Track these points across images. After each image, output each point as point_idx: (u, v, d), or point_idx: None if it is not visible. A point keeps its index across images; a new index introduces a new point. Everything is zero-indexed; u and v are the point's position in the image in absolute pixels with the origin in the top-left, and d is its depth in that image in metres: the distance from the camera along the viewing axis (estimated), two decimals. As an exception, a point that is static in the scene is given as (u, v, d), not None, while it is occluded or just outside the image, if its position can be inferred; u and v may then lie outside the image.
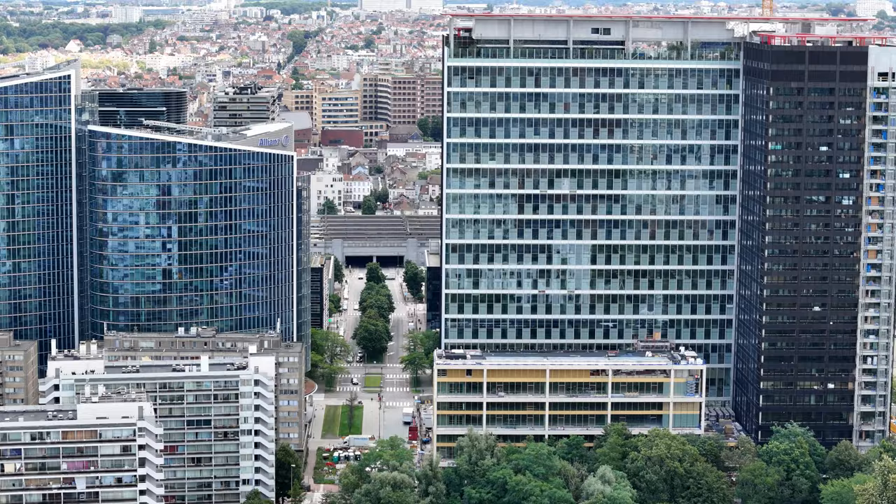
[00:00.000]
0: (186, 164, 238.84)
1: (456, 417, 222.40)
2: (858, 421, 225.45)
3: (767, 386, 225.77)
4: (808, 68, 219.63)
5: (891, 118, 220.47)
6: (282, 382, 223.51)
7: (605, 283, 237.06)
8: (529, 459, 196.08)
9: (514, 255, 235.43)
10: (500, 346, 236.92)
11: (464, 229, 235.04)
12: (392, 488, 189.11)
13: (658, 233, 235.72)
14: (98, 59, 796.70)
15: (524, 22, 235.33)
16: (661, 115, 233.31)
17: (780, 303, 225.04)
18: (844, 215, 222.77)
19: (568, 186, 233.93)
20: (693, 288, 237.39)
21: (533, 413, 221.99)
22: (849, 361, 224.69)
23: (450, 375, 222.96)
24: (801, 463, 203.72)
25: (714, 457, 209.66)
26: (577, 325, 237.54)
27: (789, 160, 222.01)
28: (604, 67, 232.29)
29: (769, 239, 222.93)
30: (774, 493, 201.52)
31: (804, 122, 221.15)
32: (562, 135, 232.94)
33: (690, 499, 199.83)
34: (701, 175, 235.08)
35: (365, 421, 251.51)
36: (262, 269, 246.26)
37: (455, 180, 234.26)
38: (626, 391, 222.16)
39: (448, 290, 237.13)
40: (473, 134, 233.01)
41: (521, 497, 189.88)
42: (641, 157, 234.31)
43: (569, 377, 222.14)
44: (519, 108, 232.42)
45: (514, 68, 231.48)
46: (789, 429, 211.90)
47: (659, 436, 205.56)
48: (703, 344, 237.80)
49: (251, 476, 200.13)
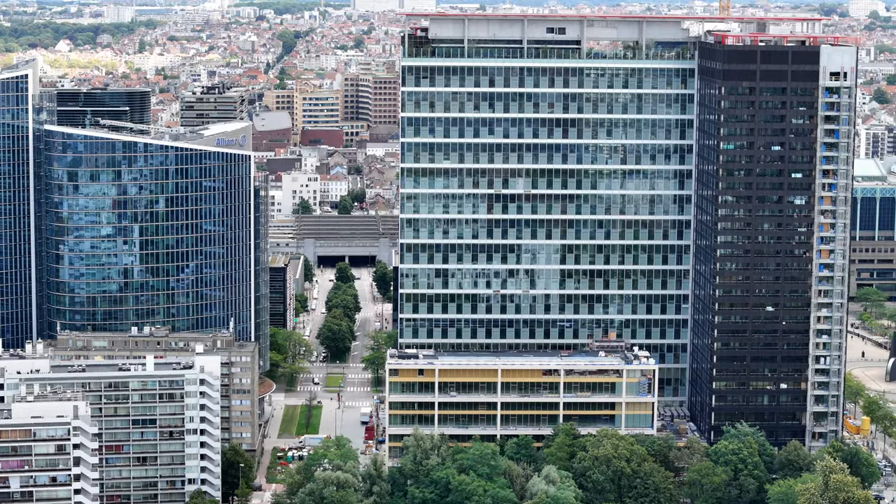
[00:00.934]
0: (143, 164, 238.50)
1: (408, 417, 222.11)
2: (811, 421, 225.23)
3: (720, 386, 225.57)
4: (759, 68, 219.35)
5: (843, 118, 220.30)
6: (234, 382, 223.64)
7: (561, 282, 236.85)
8: (474, 459, 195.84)
9: (468, 254, 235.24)
10: (456, 345, 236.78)
11: (419, 229, 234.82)
12: (336, 488, 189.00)
13: (613, 232, 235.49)
14: (86, 59, 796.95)
15: (479, 22, 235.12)
16: (617, 114, 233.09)
17: (733, 303, 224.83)
18: (797, 215, 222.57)
19: (522, 186, 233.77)
20: (649, 288, 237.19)
21: (485, 413, 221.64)
22: (801, 361, 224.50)
23: (402, 375, 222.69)
24: (749, 463, 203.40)
25: (663, 457, 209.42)
26: (533, 324, 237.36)
27: (741, 160, 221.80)
28: (558, 67, 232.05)
29: (721, 239, 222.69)
30: (722, 492, 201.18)
31: (756, 121, 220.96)
32: (516, 134, 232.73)
33: (637, 499, 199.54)
34: (656, 175, 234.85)
35: (323, 421, 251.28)
36: (220, 269, 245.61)
37: (410, 180, 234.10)
38: (579, 391, 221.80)
39: (403, 289, 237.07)
40: (428, 134, 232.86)
41: (464, 497, 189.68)
42: (596, 156, 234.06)
43: (521, 377, 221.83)
44: (473, 108, 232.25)
45: (468, 68, 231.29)
46: (739, 429, 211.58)
47: (606, 436, 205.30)
48: (658, 344, 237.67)
49: (197, 476, 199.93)
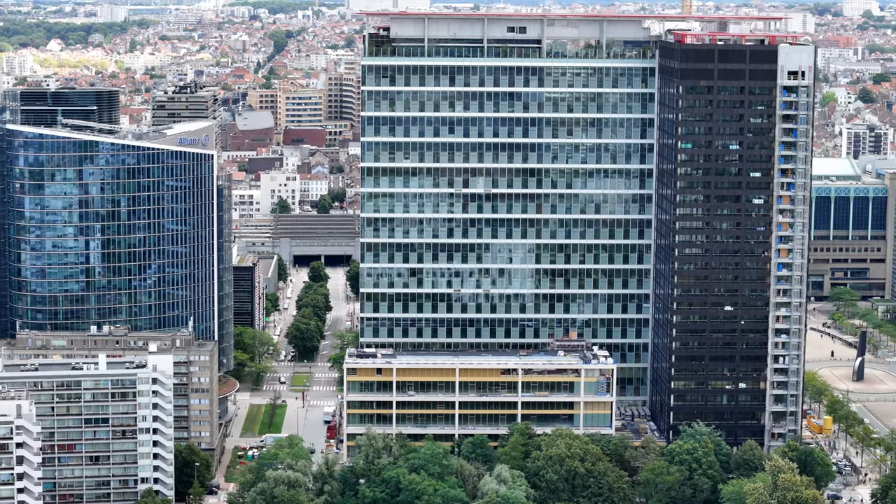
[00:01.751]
0: (106, 164, 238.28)
1: (367, 416, 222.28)
2: (770, 421, 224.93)
3: (679, 385, 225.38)
4: (717, 67, 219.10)
5: (801, 117, 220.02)
6: (193, 381, 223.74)
7: (522, 282, 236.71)
8: (425, 459, 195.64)
9: (429, 254, 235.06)
10: (418, 345, 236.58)
11: (379, 228, 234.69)
12: (286, 487, 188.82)
13: (575, 232, 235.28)
14: (76, 59, 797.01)
15: (440, 21, 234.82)
16: (577, 113, 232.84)
17: (692, 302, 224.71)
18: (755, 214, 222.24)
19: (483, 186, 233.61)
20: (610, 287, 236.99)
21: (443, 412, 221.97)
22: (760, 361, 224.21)
23: (360, 374, 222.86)
24: (703, 463, 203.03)
25: (619, 456, 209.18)
26: (494, 324, 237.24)
27: (700, 159, 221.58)
28: (519, 66, 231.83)
29: (680, 238, 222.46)
30: (676, 492, 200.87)
31: (714, 120, 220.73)
32: (476, 134, 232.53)
33: (591, 498, 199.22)
34: (617, 174, 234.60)
35: (286, 420, 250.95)
36: (183, 269, 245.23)
37: (371, 179, 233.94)
38: (537, 391, 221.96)
39: (364, 288, 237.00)
40: (389, 133, 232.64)
41: (415, 496, 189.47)
42: (557, 156, 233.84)
43: (479, 376, 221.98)
44: (433, 108, 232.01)
45: (428, 67, 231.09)
46: (695, 428, 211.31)
47: (560, 435, 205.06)
48: (620, 343, 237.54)
49: (149, 475, 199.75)
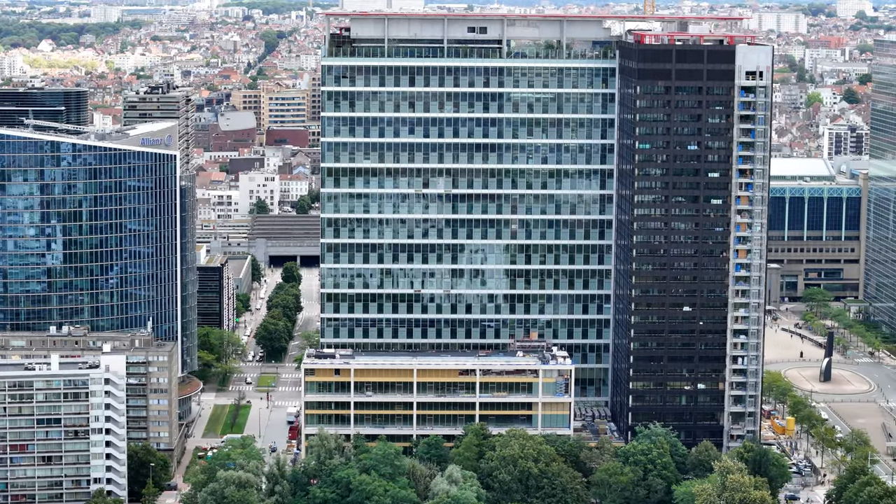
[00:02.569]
0: (69, 164, 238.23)
1: (325, 417, 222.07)
2: (729, 422, 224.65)
3: (637, 386, 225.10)
4: (675, 67, 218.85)
5: (759, 117, 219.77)
6: (152, 381, 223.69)
7: (483, 282, 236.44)
8: (376, 459, 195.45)
9: (389, 254, 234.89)
10: (378, 345, 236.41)
11: (339, 229, 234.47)
12: (236, 487, 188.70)
13: (535, 232, 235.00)
14: (67, 59, 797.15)
15: (400, 21, 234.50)
16: (538, 114, 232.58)
17: (650, 303, 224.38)
18: (713, 215, 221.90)
19: (443, 186, 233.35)
20: (571, 288, 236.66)
21: (401, 413, 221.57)
22: (719, 362, 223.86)
23: (318, 375, 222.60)
24: (658, 463, 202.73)
25: (574, 457, 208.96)
26: (455, 324, 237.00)
27: (658, 159, 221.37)
28: (479, 66, 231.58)
29: (638, 238, 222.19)
30: (630, 492, 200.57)
31: (672, 121, 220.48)
32: (436, 134, 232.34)
33: (544, 499, 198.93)
34: (578, 174, 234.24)
35: (250, 420, 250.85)
36: (146, 269, 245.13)
37: (331, 180, 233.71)
38: (495, 391, 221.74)
39: (324, 289, 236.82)
40: (349, 134, 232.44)
41: (365, 497, 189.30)
42: (517, 156, 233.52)
43: (437, 377, 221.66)
44: (393, 108, 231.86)
45: (388, 67, 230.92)
46: (651, 429, 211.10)
47: (514, 436, 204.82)
48: (581, 344, 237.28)
49: (102, 475, 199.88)
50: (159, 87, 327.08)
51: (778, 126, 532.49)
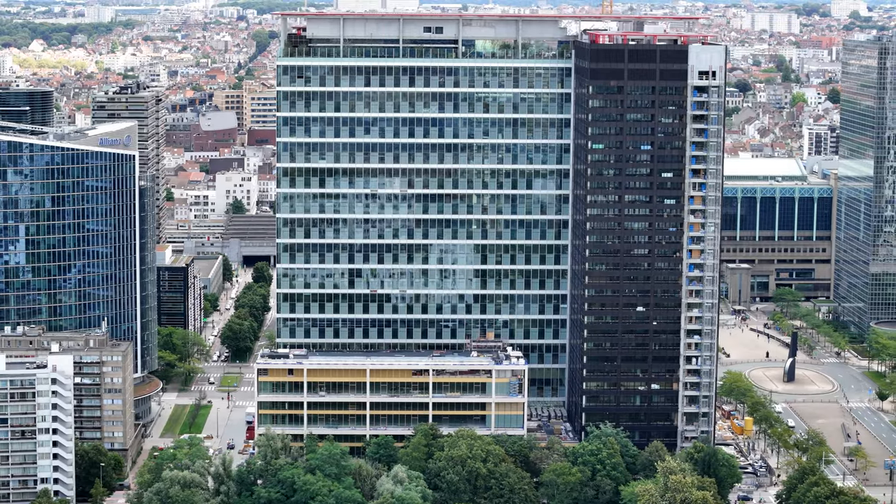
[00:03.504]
0: (28, 164, 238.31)
1: (279, 417, 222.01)
2: (683, 422, 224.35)
3: (591, 386, 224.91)
4: (627, 67, 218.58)
5: (712, 117, 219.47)
6: (106, 381, 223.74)
7: (439, 283, 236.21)
8: (322, 459, 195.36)
9: (345, 254, 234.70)
10: (335, 345, 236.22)
11: (295, 229, 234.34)
12: (181, 487, 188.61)
13: (491, 232, 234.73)
14: (57, 59, 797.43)
15: (356, 21, 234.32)
16: (494, 114, 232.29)
17: (604, 303, 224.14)
18: (667, 215, 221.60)
19: (399, 186, 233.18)
20: (528, 288, 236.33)
21: (355, 413, 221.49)
22: (673, 362, 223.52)
23: (271, 375, 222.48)
24: (607, 464, 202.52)
25: (524, 457, 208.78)
26: (411, 324, 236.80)
27: (611, 159, 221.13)
28: (435, 66, 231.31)
29: (591, 239, 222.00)
30: (578, 493, 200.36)
31: (625, 120, 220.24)
32: (392, 134, 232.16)
33: (492, 499, 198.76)
34: (535, 175, 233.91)
35: (209, 420, 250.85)
36: (105, 269, 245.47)
37: (287, 180, 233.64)
38: (448, 391, 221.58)
39: (280, 289, 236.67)
40: (304, 134, 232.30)
41: (309, 497, 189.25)
42: (474, 156, 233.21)
43: (390, 377, 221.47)
44: (349, 108, 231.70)
45: (343, 67, 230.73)
46: (602, 429, 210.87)
47: (462, 436, 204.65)
48: (538, 344, 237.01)
49: (49, 475, 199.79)
50: (128, 88, 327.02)
51: (760, 126, 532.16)
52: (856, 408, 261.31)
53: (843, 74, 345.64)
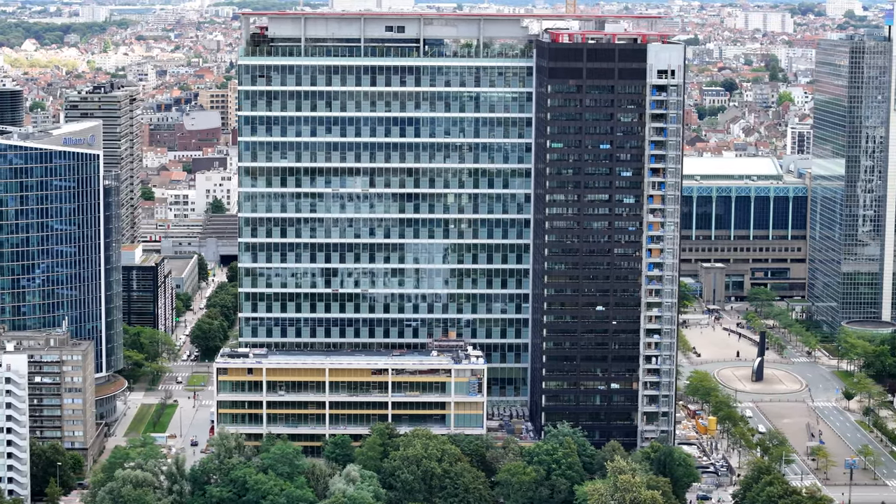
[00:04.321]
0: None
1: (238, 416, 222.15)
2: (643, 422, 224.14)
3: (551, 386, 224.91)
4: (586, 66, 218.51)
5: (671, 116, 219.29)
6: (66, 380, 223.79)
7: (401, 282, 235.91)
8: (274, 458, 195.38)
9: (307, 254, 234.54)
10: (297, 345, 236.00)
11: (257, 228, 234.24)
12: (133, 486, 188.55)
13: (453, 231, 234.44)
14: (48, 59, 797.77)
15: (317, 20, 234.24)
16: (455, 113, 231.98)
17: (564, 302, 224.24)
18: (626, 214, 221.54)
19: (360, 185, 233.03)
20: (490, 287, 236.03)
21: (314, 412, 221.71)
22: (633, 361, 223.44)
23: (231, 374, 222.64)
24: (563, 463, 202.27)
25: (481, 457, 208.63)
26: (373, 323, 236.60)
27: (570, 158, 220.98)
28: (397, 66, 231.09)
29: (550, 238, 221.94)
30: (533, 492, 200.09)
31: (584, 119, 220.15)
32: (354, 133, 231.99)
33: (447, 499, 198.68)
34: (496, 174, 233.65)
35: (174, 420, 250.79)
36: (69, 268, 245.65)
37: (248, 179, 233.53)
38: (408, 391, 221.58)
39: (243, 288, 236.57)
40: (265, 133, 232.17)
41: (261, 496, 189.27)
42: (435, 155, 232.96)
43: (350, 376, 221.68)
44: (310, 107, 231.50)
45: (304, 67, 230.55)
46: (559, 429, 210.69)
47: (418, 436, 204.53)
48: (500, 343, 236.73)
49: (3, 474, 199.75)
50: (101, 87, 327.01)
51: (746, 125, 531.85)
52: (822, 407, 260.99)
53: (817, 74, 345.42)
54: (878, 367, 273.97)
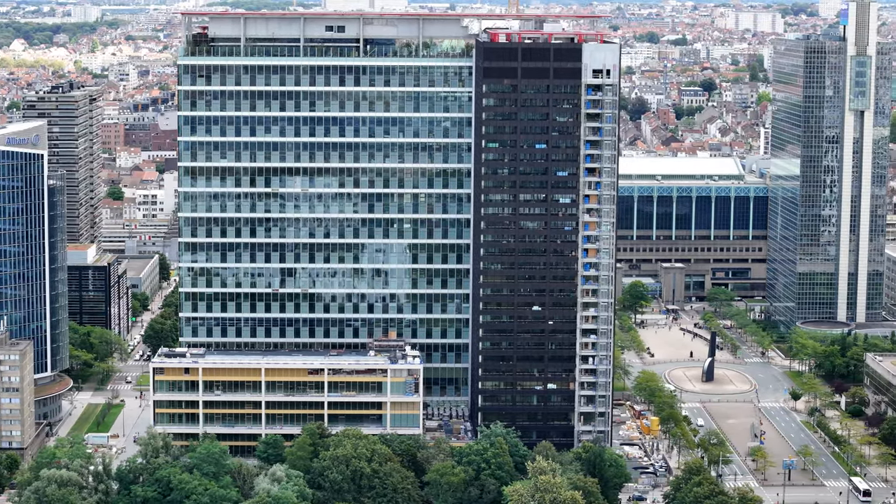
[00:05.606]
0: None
1: (176, 416, 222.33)
2: (580, 422, 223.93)
3: (487, 386, 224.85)
4: (521, 65, 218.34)
5: (606, 115, 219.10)
6: (4, 380, 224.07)
7: (341, 282, 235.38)
8: (200, 458, 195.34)
9: (247, 253, 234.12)
10: (238, 344, 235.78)
11: (197, 228, 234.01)
12: (57, 486, 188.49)
13: (393, 231, 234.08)
14: (34, 58, 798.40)
15: (258, 20, 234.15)
16: (395, 112, 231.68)
17: (500, 302, 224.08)
18: (562, 214, 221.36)
19: (300, 185, 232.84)
20: (431, 287, 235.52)
21: (251, 412, 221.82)
22: (570, 361, 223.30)
23: (168, 374, 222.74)
24: (493, 463, 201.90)
25: (412, 457, 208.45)
26: (313, 323, 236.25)
27: (505, 158, 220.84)
28: (336, 65, 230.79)
29: (486, 238, 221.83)
30: (462, 492, 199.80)
31: (519, 119, 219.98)
32: (293, 133, 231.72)
33: (375, 499, 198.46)
34: (436, 173, 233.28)
35: (119, 419, 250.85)
36: (13, 268, 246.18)
37: (188, 179, 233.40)
38: (345, 391, 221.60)
39: (183, 288, 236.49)
40: (205, 133, 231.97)
41: (185, 496, 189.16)
42: (375, 155, 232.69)
43: (286, 376, 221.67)
44: (250, 107, 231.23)
45: (244, 66, 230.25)
46: (492, 429, 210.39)
47: (348, 435, 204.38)
48: (441, 343, 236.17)
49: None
50: (59, 87, 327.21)
51: (722, 125, 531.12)
52: (769, 407, 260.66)
53: (775, 73, 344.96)
54: (827, 368, 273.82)
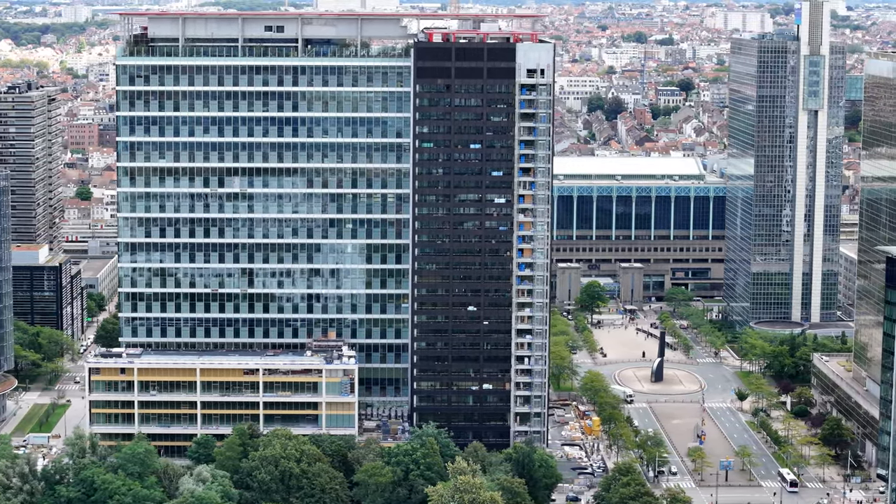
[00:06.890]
0: None
1: (111, 416, 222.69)
2: (515, 422, 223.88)
3: (423, 386, 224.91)
4: (455, 65, 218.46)
5: (541, 115, 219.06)
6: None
7: (280, 283, 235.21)
8: (125, 458, 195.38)
9: (186, 253, 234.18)
10: (178, 345, 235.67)
11: (136, 228, 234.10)
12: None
13: (332, 231, 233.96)
14: (20, 58, 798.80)
15: (196, 21, 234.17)
16: (333, 112, 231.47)
17: (435, 302, 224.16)
18: (497, 214, 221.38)
19: (238, 185, 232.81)
20: (370, 287, 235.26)
21: (186, 412, 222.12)
22: (505, 362, 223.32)
23: (103, 374, 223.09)
24: (421, 464, 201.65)
25: (342, 457, 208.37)
26: (253, 323, 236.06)
27: (440, 158, 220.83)
28: (274, 65, 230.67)
29: (421, 238, 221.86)
30: (390, 493, 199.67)
31: (453, 119, 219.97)
32: (232, 133, 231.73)
33: (304, 499, 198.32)
34: (375, 174, 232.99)
35: (64, 419, 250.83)
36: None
37: (127, 179, 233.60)
38: (280, 391, 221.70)
39: (122, 288, 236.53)
40: (144, 133, 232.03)
41: (108, 496, 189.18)
42: (313, 155, 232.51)
43: (221, 376, 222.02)
44: (188, 107, 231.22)
45: (183, 67, 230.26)
46: (424, 429, 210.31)
47: (277, 436, 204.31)
48: (381, 343, 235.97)
49: None
50: (16, 87, 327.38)
51: (697, 125, 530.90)
52: (715, 408, 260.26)
53: (731, 73, 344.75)
54: (777, 368, 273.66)
